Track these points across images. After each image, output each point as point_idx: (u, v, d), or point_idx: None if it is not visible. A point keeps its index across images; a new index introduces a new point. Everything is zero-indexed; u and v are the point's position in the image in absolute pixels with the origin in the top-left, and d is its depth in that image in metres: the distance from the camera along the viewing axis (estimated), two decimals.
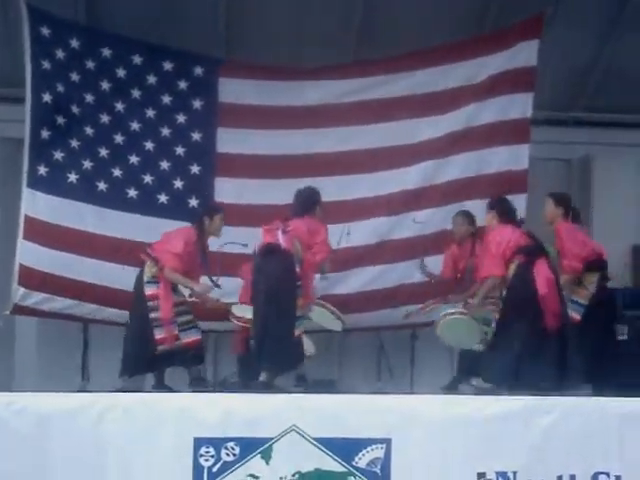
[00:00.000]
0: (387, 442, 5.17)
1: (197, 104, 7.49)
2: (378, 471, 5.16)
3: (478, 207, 7.06)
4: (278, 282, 5.94)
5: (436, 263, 6.89)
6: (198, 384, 6.20)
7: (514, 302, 5.92)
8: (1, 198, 7.59)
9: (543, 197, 6.39)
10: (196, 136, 7.47)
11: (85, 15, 7.49)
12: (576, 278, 6.22)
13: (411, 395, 5.65)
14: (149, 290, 6.20)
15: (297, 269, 5.99)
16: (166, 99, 7.45)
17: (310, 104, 7.40)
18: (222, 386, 6.51)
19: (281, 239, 5.99)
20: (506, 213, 6.14)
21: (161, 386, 6.29)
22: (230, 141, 7.39)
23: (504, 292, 6.00)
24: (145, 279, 6.22)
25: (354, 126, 7.42)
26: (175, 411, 5.22)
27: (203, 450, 5.15)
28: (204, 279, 6.32)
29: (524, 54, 7.27)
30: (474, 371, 6.18)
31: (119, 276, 7.03)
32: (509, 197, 6.85)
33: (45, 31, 7.24)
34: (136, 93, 7.41)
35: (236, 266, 6.71)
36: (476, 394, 5.77)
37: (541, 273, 5.89)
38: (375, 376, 7.21)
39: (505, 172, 7.22)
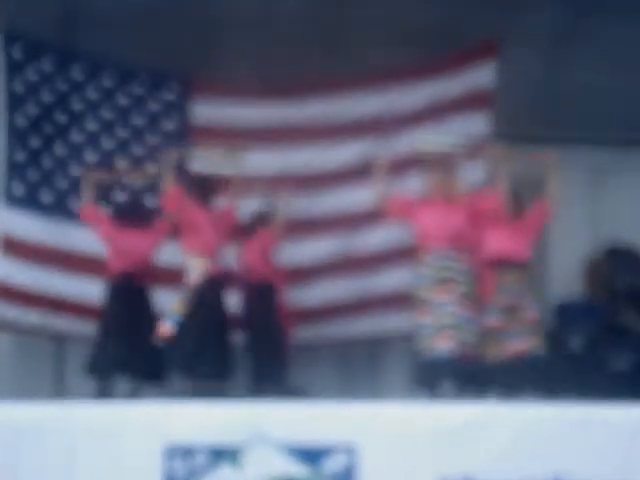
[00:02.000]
0: (353, 449, 5.30)
1: (169, 125, 7.57)
2: (345, 477, 5.29)
3: None
4: None
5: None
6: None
7: None
8: None
9: None
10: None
11: (58, 31, 7.53)
12: None
13: (376, 402, 5.75)
14: None
15: None
16: (138, 120, 7.55)
17: (280, 123, 7.51)
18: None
19: None
20: None
21: None
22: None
23: None
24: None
25: (321, 145, 7.57)
26: (144, 419, 5.33)
27: (173, 458, 5.25)
28: None
29: (481, 75, 7.46)
30: None
31: (94, 291, 7.15)
32: None
33: (17, 53, 7.36)
34: (108, 114, 7.51)
35: None
36: None
37: None
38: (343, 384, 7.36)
39: None
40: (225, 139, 7.32)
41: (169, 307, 6.37)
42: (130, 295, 6.50)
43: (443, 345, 6.08)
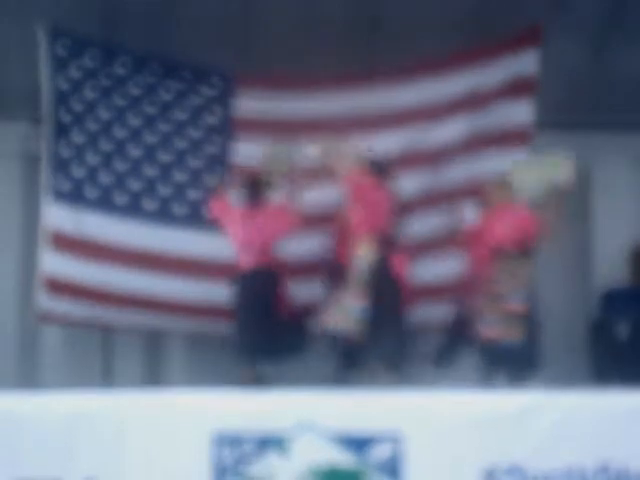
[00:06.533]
0: (400, 438, 5.32)
1: (212, 119, 7.60)
2: (392, 467, 5.31)
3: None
4: None
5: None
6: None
7: None
8: (23, 215, 7.80)
9: None
10: (212, 150, 7.58)
11: (101, 26, 7.57)
12: None
13: (423, 392, 5.75)
14: None
15: None
16: (181, 114, 7.56)
17: (322, 115, 7.49)
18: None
19: None
20: None
21: None
22: (246, 154, 7.50)
23: None
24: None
25: (364, 136, 7.49)
26: (193, 408, 5.38)
27: (221, 446, 5.29)
28: None
29: (524, 62, 7.41)
30: None
31: (141, 284, 7.24)
32: None
33: (60, 49, 7.42)
34: (151, 109, 7.55)
35: None
36: None
37: None
38: None
39: None
40: (268, 132, 7.39)
41: None
42: (260, 285, 6.63)
43: None
